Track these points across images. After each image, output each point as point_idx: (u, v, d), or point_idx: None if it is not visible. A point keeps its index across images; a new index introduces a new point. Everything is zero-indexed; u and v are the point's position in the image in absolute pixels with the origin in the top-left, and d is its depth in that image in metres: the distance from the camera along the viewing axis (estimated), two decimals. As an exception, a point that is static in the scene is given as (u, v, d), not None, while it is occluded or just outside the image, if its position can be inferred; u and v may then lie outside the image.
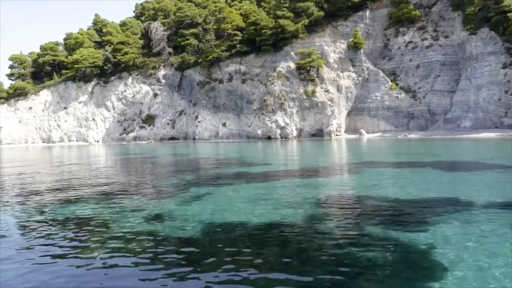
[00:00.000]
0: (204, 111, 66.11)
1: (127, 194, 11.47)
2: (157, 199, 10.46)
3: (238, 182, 13.28)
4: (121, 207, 9.35)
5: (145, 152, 37.40)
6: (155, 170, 19.53)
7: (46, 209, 9.44)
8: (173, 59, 72.80)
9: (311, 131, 60.74)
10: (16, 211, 9.44)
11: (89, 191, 12.15)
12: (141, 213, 8.61)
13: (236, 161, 23.07)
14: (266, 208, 8.88)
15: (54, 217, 8.60)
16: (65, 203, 10.31)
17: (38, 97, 74.25)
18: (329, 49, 62.33)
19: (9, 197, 11.67)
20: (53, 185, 13.90)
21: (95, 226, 7.76)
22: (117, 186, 13.34)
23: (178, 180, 14.18)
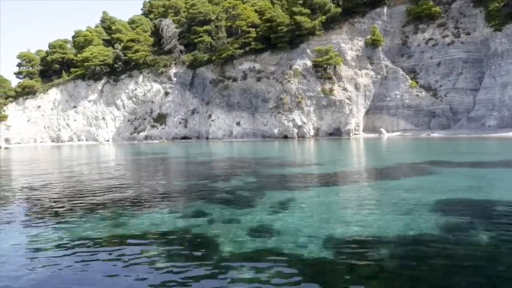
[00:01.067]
0: (218, 110, 64.72)
1: (199, 200, 10.09)
2: (241, 209, 9.04)
3: (311, 185, 11.94)
4: (220, 218, 7.96)
5: (167, 151, 36.01)
6: (203, 172, 18.11)
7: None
8: (184, 57, 71.42)
9: (328, 130, 59.36)
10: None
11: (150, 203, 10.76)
12: (241, 225, 7.23)
13: (280, 161, 21.65)
14: (375, 215, 7.57)
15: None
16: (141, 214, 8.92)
17: (47, 95, 72.85)
18: (346, 46, 60.96)
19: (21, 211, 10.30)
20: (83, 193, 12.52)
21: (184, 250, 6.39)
22: (184, 193, 11.96)
23: (242, 183, 12.78)
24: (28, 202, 10.59)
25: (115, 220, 7.87)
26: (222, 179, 14.20)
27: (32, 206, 10.00)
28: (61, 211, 8.98)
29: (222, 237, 6.50)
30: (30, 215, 8.79)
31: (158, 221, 7.73)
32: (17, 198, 11.38)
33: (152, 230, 7.14)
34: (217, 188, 11.93)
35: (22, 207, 10.04)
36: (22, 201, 10.90)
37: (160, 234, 6.89)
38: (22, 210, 9.62)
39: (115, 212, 8.59)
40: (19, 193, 12.27)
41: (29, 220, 8.30)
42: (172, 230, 7.09)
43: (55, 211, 9.04)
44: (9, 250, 6.10)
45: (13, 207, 9.97)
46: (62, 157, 34.03)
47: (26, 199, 11.12)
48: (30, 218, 8.51)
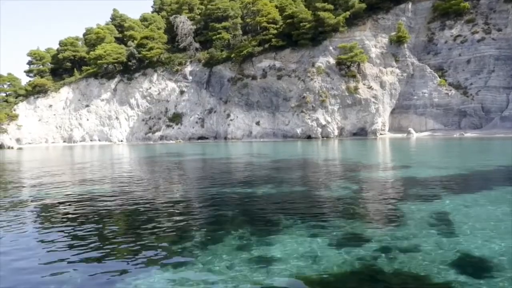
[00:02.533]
0: (236, 109, 62.69)
1: (308, 217, 8.09)
2: (374, 225, 7.04)
3: (432, 193, 9.94)
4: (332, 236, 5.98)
5: (190, 152, 33.96)
6: (285, 175, 16.08)
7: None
8: (200, 54, 69.37)
9: (353, 130, 57.39)
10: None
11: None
12: (366, 244, 5.26)
13: (355, 164, 19.62)
14: None
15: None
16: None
17: (58, 94, 70.70)
18: (370, 43, 59.05)
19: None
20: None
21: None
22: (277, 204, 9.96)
23: (350, 193, 10.78)
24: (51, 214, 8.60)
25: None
26: (323, 187, 12.19)
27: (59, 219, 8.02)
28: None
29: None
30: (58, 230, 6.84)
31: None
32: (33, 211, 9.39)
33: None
34: (332, 197, 9.92)
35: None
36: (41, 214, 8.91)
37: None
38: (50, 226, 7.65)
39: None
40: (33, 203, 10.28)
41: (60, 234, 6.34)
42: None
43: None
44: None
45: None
46: (77, 159, 31.98)
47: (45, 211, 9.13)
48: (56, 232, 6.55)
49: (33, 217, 8.57)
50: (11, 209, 9.33)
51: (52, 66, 75.22)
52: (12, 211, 9.09)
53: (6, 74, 71.39)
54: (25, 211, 9.15)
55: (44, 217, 8.47)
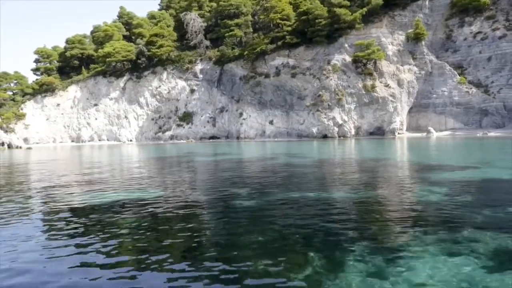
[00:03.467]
0: (249, 107, 61.32)
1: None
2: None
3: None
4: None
5: (218, 152, 32.55)
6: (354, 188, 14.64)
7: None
8: (211, 52, 68.02)
9: (369, 129, 56.03)
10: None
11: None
12: None
13: (419, 164, 18.24)
14: None
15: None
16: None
17: (66, 93, 69.35)
18: (387, 40, 57.72)
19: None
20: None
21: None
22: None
23: (432, 194, 9.40)
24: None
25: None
26: (403, 190, 10.80)
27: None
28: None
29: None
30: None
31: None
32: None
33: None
34: (425, 202, 8.54)
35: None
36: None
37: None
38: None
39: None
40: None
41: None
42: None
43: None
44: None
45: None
46: (94, 160, 30.61)
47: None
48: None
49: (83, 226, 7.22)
50: (39, 214, 8.00)
51: (59, 64, 73.79)
52: (47, 216, 7.77)
53: (13, 72, 69.99)
54: (71, 219, 7.80)
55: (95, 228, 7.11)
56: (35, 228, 7.28)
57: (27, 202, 10.03)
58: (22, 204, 9.77)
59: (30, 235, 6.63)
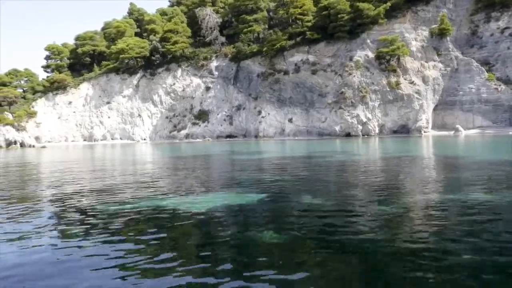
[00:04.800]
0: (268, 105, 59.69)
1: None
2: None
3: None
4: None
5: (254, 150, 30.90)
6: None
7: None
8: (226, 49, 66.38)
9: (393, 127, 54.45)
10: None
11: None
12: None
13: (491, 162, 16.62)
14: None
15: None
16: None
17: (78, 90, 67.66)
18: (410, 36, 56.11)
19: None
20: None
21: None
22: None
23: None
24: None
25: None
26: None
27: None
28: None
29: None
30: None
31: None
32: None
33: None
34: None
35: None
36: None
37: None
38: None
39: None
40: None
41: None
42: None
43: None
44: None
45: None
46: (115, 161, 28.95)
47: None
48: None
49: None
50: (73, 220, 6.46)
51: (70, 61, 72.06)
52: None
53: (23, 70, 68.33)
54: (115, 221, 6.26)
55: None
56: (56, 231, 6.48)
57: (62, 208, 8.44)
58: (58, 210, 8.18)
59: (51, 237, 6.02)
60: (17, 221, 7.24)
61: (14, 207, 8.60)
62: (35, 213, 8.06)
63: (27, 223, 7.00)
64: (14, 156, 34.74)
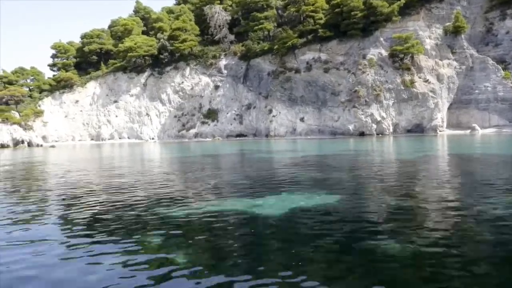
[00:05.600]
0: (279, 104, 58.79)
1: None
2: None
3: None
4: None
5: (280, 149, 30.03)
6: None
7: None
8: (235, 47, 65.46)
9: (407, 126, 53.65)
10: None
11: None
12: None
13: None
14: None
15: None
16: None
17: (85, 89, 66.67)
18: (424, 34, 55.32)
19: None
20: None
21: None
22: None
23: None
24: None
25: None
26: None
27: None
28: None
29: None
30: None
31: None
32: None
33: None
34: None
35: None
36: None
37: None
38: None
39: None
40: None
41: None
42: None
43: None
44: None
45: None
46: (134, 162, 28.07)
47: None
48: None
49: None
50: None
51: (76, 59, 71.03)
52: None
53: (29, 68, 67.34)
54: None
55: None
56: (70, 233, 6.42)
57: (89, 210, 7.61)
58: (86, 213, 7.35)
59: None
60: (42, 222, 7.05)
61: (39, 208, 7.89)
62: (61, 213, 7.35)
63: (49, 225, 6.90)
64: (29, 155, 33.84)
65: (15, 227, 6.77)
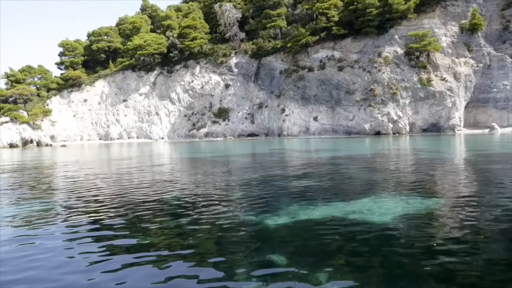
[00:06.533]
0: (292, 103, 57.90)
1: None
2: None
3: None
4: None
5: (304, 149, 29.09)
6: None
7: None
8: (246, 45, 64.53)
9: (423, 125, 52.77)
10: None
11: None
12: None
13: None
14: None
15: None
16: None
17: (93, 88, 65.71)
18: (440, 31, 54.44)
19: None
20: None
21: None
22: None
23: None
24: None
25: None
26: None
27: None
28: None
29: None
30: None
31: None
32: None
33: None
34: None
35: None
36: None
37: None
38: None
39: None
40: None
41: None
42: None
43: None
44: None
45: None
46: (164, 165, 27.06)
47: None
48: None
49: None
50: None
51: (84, 58, 70.02)
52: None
53: (37, 66, 66.34)
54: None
55: None
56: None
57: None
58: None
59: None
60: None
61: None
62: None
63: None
64: (48, 155, 32.89)
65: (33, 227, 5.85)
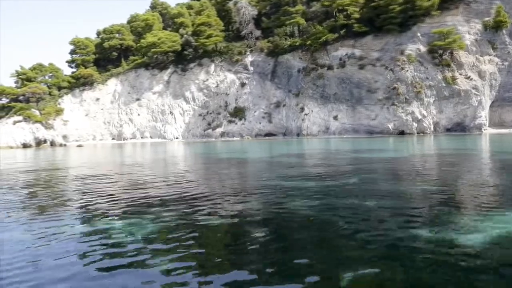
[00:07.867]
0: (311, 102, 56.67)
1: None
2: None
3: None
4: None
5: (359, 149, 27.81)
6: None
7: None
8: (261, 43, 63.23)
9: (448, 125, 51.67)
10: None
11: None
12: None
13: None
14: None
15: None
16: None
17: (105, 86, 64.25)
18: (463, 29, 53.32)
19: None
20: None
21: None
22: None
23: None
24: None
25: None
26: None
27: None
28: None
29: None
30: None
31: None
32: None
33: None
34: None
35: None
36: None
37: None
38: None
39: None
40: None
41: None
42: None
43: None
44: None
45: None
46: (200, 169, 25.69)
47: None
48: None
49: None
50: None
51: (95, 56, 68.51)
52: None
53: (47, 64, 64.83)
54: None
55: None
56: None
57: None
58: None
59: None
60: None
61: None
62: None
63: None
64: (70, 156, 31.51)
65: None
